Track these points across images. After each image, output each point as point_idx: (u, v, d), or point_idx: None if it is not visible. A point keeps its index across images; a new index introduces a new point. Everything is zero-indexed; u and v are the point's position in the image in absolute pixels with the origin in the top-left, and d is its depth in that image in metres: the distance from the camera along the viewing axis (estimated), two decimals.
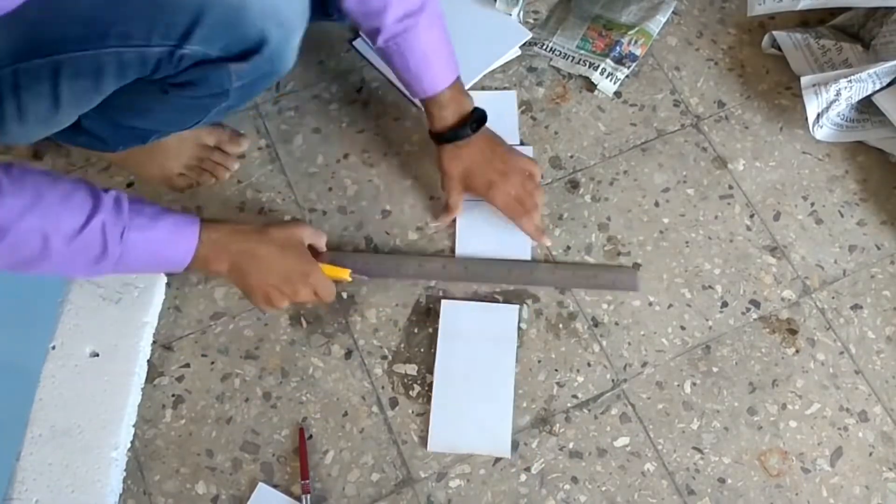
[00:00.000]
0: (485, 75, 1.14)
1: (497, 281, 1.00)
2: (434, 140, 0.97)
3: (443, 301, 0.99)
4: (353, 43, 1.15)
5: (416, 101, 0.99)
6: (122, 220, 0.75)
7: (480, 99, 0.99)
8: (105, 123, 0.89)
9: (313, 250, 0.93)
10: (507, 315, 0.98)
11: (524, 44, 1.14)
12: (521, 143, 1.09)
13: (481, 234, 1.02)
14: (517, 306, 0.99)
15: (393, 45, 0.89)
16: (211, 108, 0.83)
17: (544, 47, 1.15)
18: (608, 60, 1.13)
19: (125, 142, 0.94)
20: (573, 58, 1.14)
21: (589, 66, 1.13)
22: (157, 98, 0.80)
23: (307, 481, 0.89)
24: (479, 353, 0.96)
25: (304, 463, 0.90)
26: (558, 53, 1.15)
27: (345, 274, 0.94)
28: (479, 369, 0.95)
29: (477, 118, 0.96)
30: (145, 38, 0.70)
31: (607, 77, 1.12)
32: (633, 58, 1.13)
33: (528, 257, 1.02)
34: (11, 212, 0.68)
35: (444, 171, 0.98)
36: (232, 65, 0.74)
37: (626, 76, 1.13)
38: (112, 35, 0.70)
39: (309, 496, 0.88)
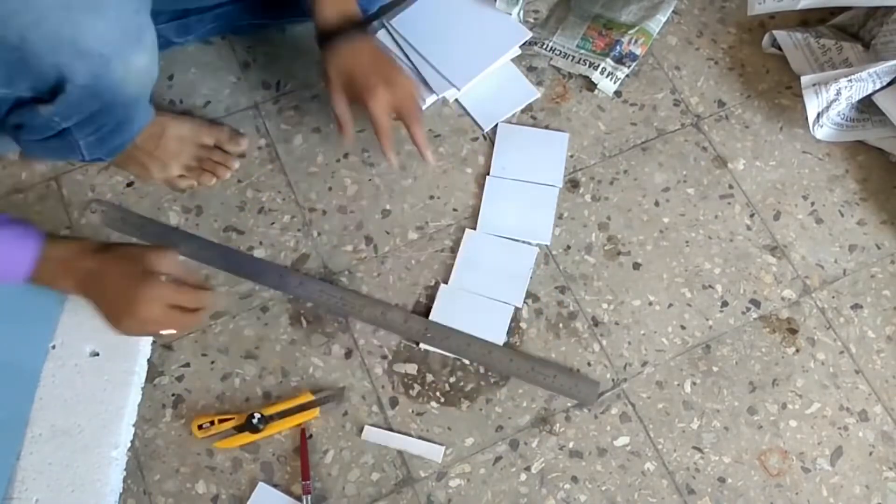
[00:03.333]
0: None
1: (455, 351, 0.96)
2: (319, 43, 0.93)
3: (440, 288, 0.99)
4: None
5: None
6: None
7: (531, 136, 1.08)
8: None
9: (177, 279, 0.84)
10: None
11: (524, 43, 1.14)
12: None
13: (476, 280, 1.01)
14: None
15: None
16: (70, 148, 0.77)
17: (544, 47, 1.15)
18: (608, 60, 1.13)
19: (60, 158, 0.89)
20: (573, 57, 1.14)
21: (589, 66, 1.13)
22: (16, 138, 0.77)
23: (308, 482, 0.89)
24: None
25: (304, 463, 0.90)
26: (558, 53, 1.15)
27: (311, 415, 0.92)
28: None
29: (362, 22, 0.93)
30: None
31: (607, 76, 1.12)
32: (634, 57, 1.13)
33: (503, 340, 0.97)
34: None
35: (325, 72, 0.93)
36: (42, 107, 0.70)
37: (627, 76, 1.13)
38: None
39: (310, 497, 0.88)
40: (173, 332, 0.87)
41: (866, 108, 1.09)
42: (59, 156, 0.80)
